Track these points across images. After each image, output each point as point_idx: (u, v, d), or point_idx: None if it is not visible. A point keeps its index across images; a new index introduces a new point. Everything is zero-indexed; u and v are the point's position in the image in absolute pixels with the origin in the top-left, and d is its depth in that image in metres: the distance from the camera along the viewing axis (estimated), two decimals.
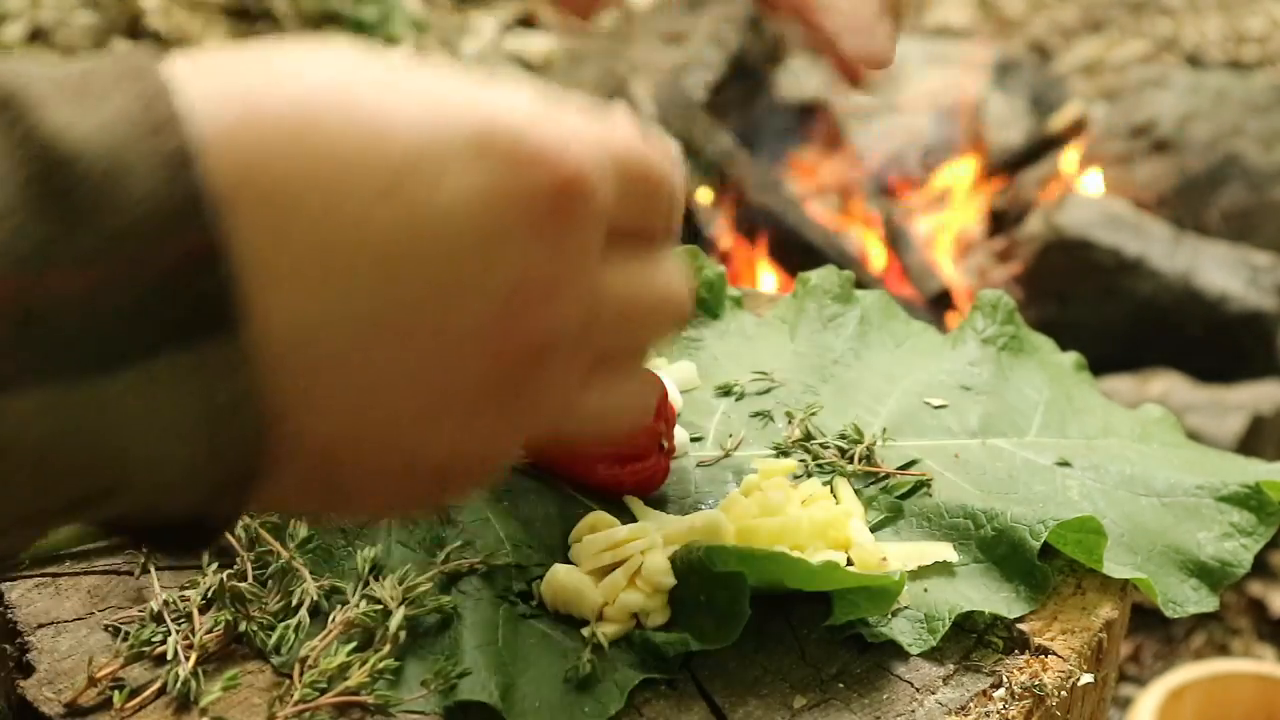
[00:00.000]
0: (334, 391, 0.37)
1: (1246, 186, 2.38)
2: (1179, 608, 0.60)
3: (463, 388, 0.39)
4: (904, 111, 2.57)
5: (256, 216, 0.35)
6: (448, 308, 0.37)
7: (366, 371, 0.37)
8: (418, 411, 0.38)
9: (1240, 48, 3.25)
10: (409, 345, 0.37)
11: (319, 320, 0.36)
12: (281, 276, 0.36)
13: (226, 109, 0.35)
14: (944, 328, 0.85)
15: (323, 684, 0.51)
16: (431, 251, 0.37)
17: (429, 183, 0.37)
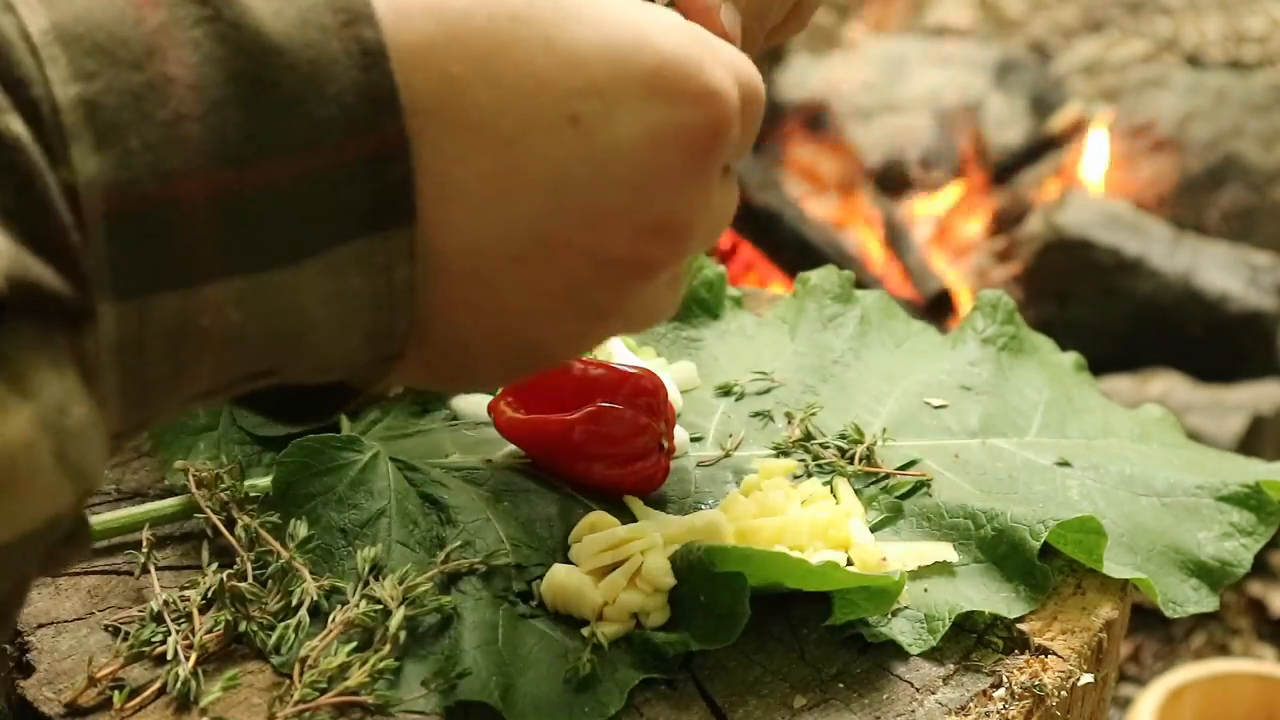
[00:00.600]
0: (483, 295, 0.40)
1: (1246, 186, 2.38)
2: (1179, 608, 0.60)
3: (594, 299, 0.42)
4: (904, 111, 2.57)
5: (445, 138, 0.37)
6: (602, 233, 0.41)
7: (517, 284, 0.40)
8: (549, 315, 0.42)
9: (1240, 48, 3.25)
10: (559, 265, 0.41)
11: (484, 237, 0.39)
12: (458, 195, 0.38)
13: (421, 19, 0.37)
14: (944, 328, 0.85)
15: (323, 684, 0.51)
16: (600, 181, 0.40)
17: (607, 115, 0.39)
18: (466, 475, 0.63)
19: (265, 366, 0.38)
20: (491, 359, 0.43)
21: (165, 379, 0.36)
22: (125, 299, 0.34)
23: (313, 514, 0.58)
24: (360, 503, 0.59)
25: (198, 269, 0.35)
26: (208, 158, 0.34)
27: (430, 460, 0.63)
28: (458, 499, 0.60)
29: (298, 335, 0.37)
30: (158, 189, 0.33)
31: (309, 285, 0.36)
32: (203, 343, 0.36)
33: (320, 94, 0.35)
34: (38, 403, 0.31)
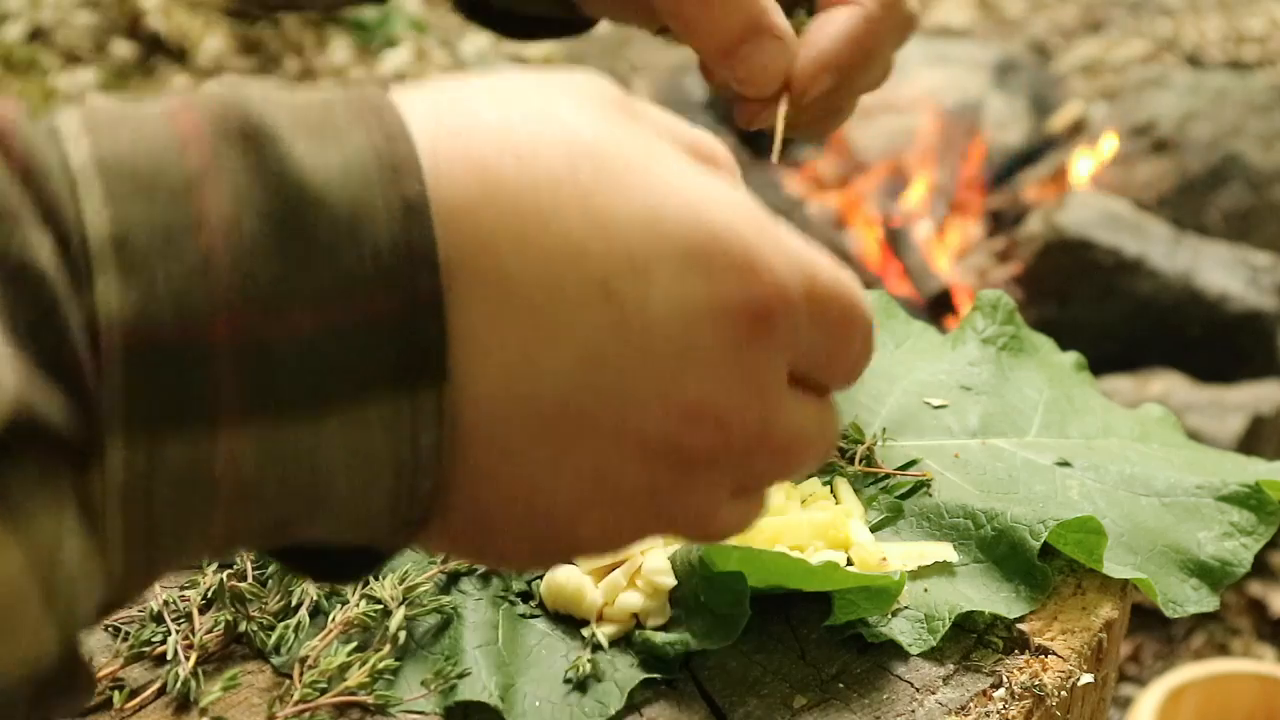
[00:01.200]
0: (507, 470, 0.38)
1: (1246, 186, 2.38)
2: (1179, 608, 0.60)
3: (622, 485, 0.39)
4: (904, 111, 2.57)
5: (474, 299, 0.36)
6: (631, 411, 0.38)
7: (542, 461, 0.38)
8: (576, 498, 0.39)
9: (1240, 48, 3.25)
10: (586, 440, 0.38)
11: (508, 409, 0.37)
12: (484, 360, 0.36)
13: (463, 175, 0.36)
14: (944, 328, 0.85)
15: (323, 684, 0.51)
16: (631, 357, 0.38)
17: (641, 288, 0.37)
18: None
19: (279, 524, 0.37)
20: (518, 542, 0.41)
21: (173, 526, 0.34)
22: (136, 440, 0.33)
23: None
24: None
25: (214, 414, 0.34)
26: (235, 301, 0.33)
27: None
28: None
29: (315, 493, 0.36)
30: (180, 329, 0.33)
31: (330, 443, 0.35)
32: (214, 493, 0.34)
33: (356, 245, 0.34)
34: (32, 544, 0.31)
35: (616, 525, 0.41)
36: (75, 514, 0.32)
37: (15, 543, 0.30)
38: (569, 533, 0.41)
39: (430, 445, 0.36)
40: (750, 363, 0.39)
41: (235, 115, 0.34)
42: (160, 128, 0.34)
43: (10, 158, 0.32)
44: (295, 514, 0.36)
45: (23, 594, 0.30)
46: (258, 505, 0.35)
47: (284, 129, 0.34)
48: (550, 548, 0.42)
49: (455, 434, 0.37)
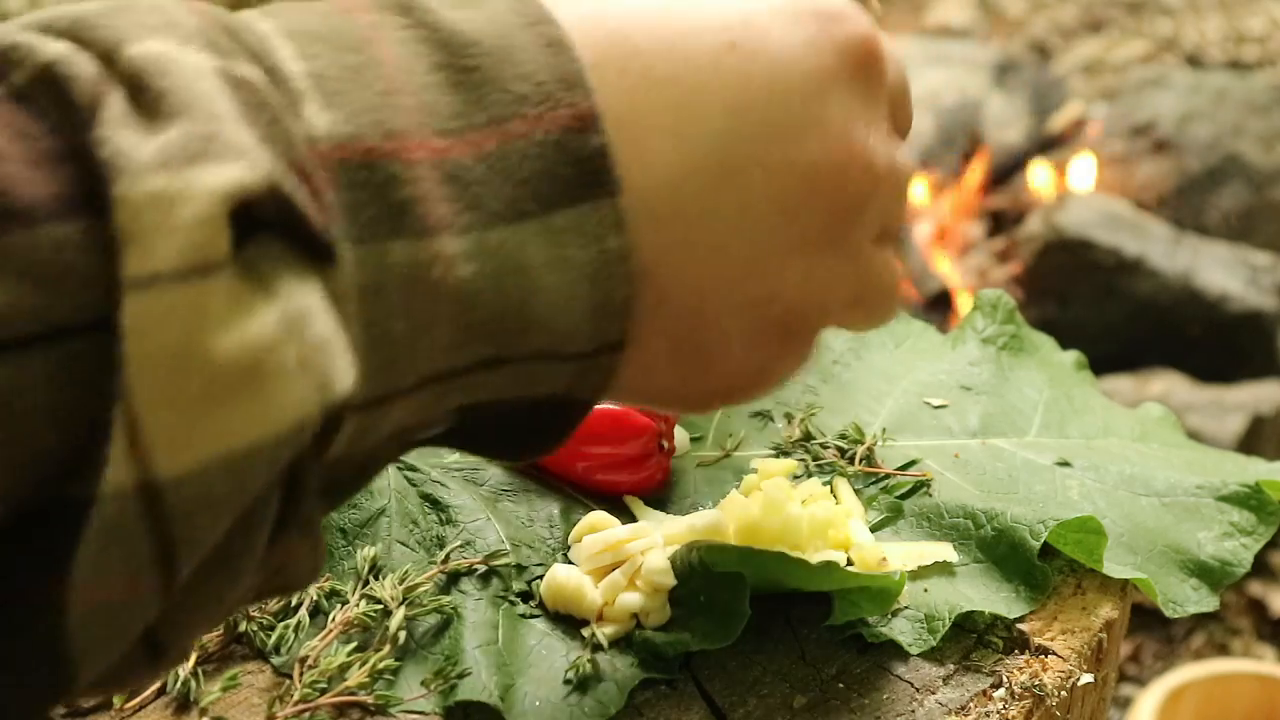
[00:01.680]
0: (697, 236, 0.42)
1: (1246, 186, 2.38)
2: (1179, 608, 0.60)
3: (807, 225, 0.43)
4: None
5: (621, 80, 0.40)
6: (791, 144, 0.42)
7: (724, 212, 0.42)
8: (773, 246, 0.43)
9: (1240, 48, 3.25)
10: (760, 182, 0.42)
11: (686, 162, 0.41)
12: (649, 129, 0.40)
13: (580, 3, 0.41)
14: (944, 328, 0.85)
15: (323, 684, 0.51)
16: (775, 95, 0.42)
17: (760, 37, 0.42)
18: (466, 475, 0.63)
19: (495, 348, 0.39)
20: (731, 324, 0.43)
21: (406, 337, 0.37)
22: (363, 243, 0.35)
23: None
24: (360, 502, 0.59)
25: (426, 221, 0.36)
26: (423, 126, 0.37)
27: (430, 460, 0.63)
28: (458, 499, 0.60)
29: (523, 301, 0.38)
30: (384, 144, 0.36)
31: (530, 248, 0.38)
32: (437, 298, 0.37)
33: (516, 73, 0.38)
34: (283, 306, 0.32)
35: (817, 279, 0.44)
36: (320, 297, 0.34)
37: (268, 304, 0.32)
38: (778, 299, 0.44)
39: (617, 250, 0.39)
40: (872, 86, 0.44)
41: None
42: (326, 7, 0.38)
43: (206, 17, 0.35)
44: (508, 327, 0.39)
45: (279, 350, 0.32)
46: (476, 311, 0.38)
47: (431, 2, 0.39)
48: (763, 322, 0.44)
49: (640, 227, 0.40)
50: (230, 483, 0.32)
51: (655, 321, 0.42)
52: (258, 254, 0.32)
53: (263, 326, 0.32)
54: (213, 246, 0.31)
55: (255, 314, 0.32)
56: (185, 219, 0.31)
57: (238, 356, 0.31)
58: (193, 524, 0.32)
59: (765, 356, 0.46)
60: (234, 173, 0.31)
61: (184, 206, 0.31)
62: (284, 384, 0.32)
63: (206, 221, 0.31)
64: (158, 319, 0.31)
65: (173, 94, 0.32)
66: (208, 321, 0.31)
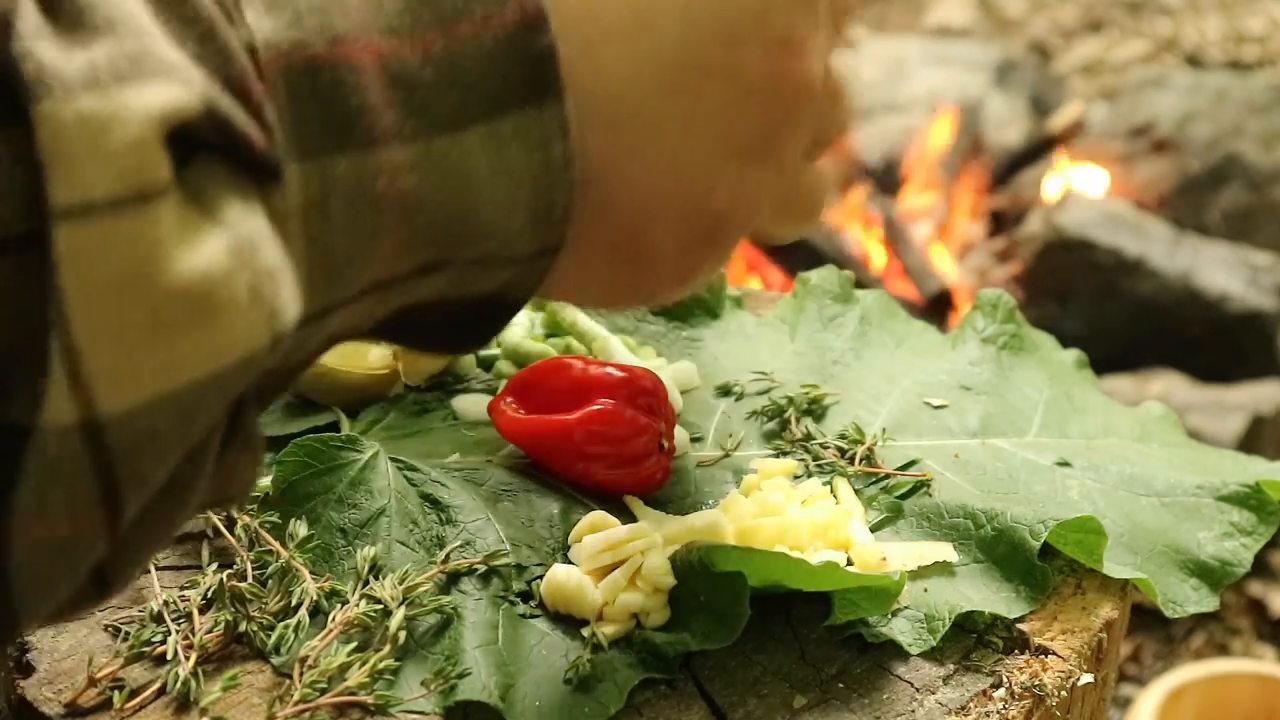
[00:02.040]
0: (644, 143, 0.42)
1: (1246, 186, 2.38)
2: (1179, 608, 0.60)
3: (743, 132, 0.43)
4: (904, 111, 2.57)
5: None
6: (738, 50, 0.42)
7: (672, 119, 0.42)
8: (712, 154, 0.43)
9: (1240, 48, 3.25)
10: (705, 89, 0.42)
11: (631, 76, 0.41)
12: (602, 33, 0.40)
13: None
14: (944, 328, 0.85)
15: (323, 684, 0.51)
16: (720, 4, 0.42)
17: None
18: (466, 475, 0.63)
19: (436, 254, 0.39)
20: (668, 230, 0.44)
21: (348, 250, 0.36)
22: (308, 158, 0.34)
23: (312, 513, 0.58)
24: (360, 502, 0.59)
25: (372, 131, 0.35)
26: (369, 27, 0.36)
27: (430, 460, 0.63)
28: (458, 499, 0.60)
29: (467, 209, 0.38)
30: (329, 49, 0.35)
31: (475, 155, 0.38)
32: (380, 210, 0.36)
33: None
34: (232, 234, 0.31)
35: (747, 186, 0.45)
36: (266, 220, 0.33)
37: (217, 231, 0.31)
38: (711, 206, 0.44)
39: (560, 156, 0.39)
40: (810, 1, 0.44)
41: None
42: None
43: None
44: (449, 235, 0.38)
45: (231, 280, 0.31)
46: (418, 220, 0.37)
47: None
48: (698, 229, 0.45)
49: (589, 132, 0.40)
50: (178, 419, 0.31)
51: (596, 226, 0.42)
52: (200, 177, 0.31)
53: (213, 255, 0.31)
54: (151, 171, 0.30)
55: (204, 242, 0.30)
56: (118, 143, 0.29)
57: (188, 287, 0.30)
58: (139, 462, 0.31)
59: (694, 259, 0.46)
60: (168, 93, 0.30)
61: (116, 130, 0.29)
62: (235, 315, 0.31)
63: (141, 145, 0.29)
64: (97, 249, 0.29)
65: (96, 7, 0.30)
66: (154, 250, 0.30)
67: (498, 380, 0.71)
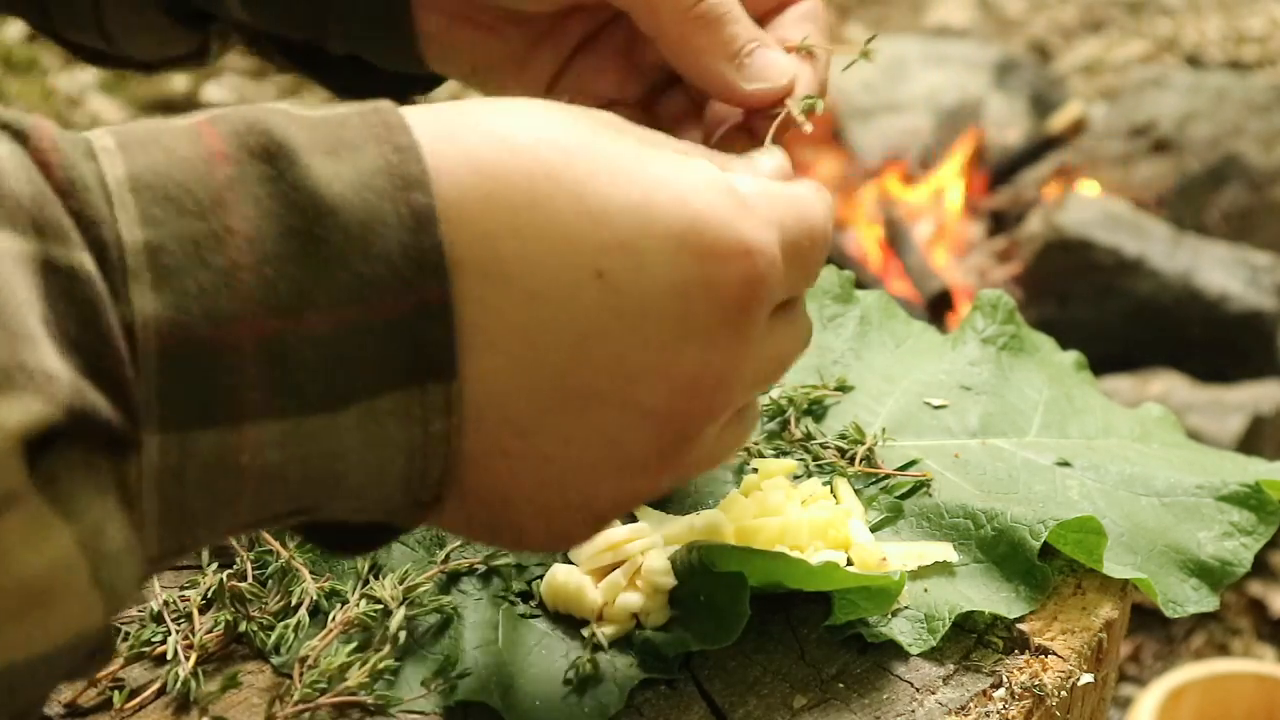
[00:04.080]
0: (520, 445, 0.41)
1: (1246, 186, 2.38)
2: (1179, 608, 0.60)
3: (632, 453, 0.42)
4: (904, 111, 2.56)
5: (478, 288, 0.39)
6: (633, 386, 0.41)
7: (551, 432, 0.41)
8: (590, 470, 0.42)
9: (1240, 48, 3.25)
10: (592, 415, 0.41)
11: (516, 386, 0.40)
12: (490, 343, 0.39)
13: (465, 176, 0.39)
14: (944, 328, 0.85)
15: (323, 684, 0.51)
16: (628, 334, 0.41)
17: (634, 271, 0.40)
18: None
19: (301, 505, 0.39)
20: (534, 518, 0.43)
21: (204, 510, 0.37)
22: (169, 432, 0.35)
23: None
24: None
25: (241, 409, 0.36)
26: (258, 305, 0.36)
27: None
28: None
29: (334, 478, 0.38)
30: (209, 331, 0.35)
31: (347, 432, 0.38)
32: (241, 479, 0.37)
33: (368, 253, 0.37)
34: (80, 526, 0.33)
35: (630, 490, 0.44)
36: (116, 500, 0.34)
37: (65, 525, 0.33)
38: (585, 506, 0.44)
39: (439, 432, 0.39)
40: (745, 326, 0.42)
41: (257, 133, 0.37)
42: (188, 147, 0.36)
43: (52, 176, 0.34)
44: (315, 497, 0.39)
45: (74, 570, 0.33)
46: (281, 489, 0.38)
47: (302, 146, 0.37)
48: (566, 522, 0.44)
49: (465, 418, 0.40)
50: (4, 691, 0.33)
51: (457, 500, 0.42)
52: (57, 466, 0.33)
53: (58, 551, 0.33)
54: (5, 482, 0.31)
55: (50, 539, 0.32)
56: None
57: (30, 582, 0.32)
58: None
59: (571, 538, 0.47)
60: (30, 410, 0.32)
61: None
62: (72, 601, 0.33)
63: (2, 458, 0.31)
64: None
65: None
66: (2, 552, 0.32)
67: None
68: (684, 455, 0.44)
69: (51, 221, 0.34)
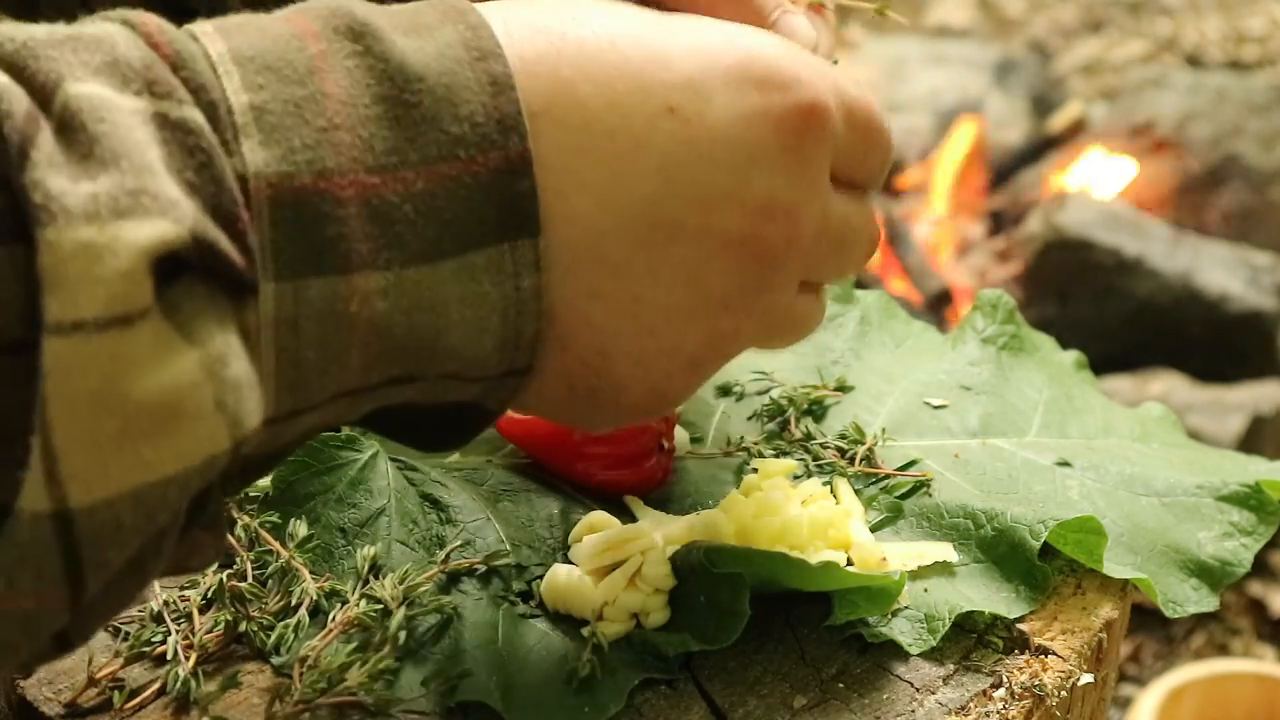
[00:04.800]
0: (607, 290, 0.43)
1: (1246, 186, 2.38)
2: (1179, 608, 0.60)
3: (716, 286, 0.45)
4: (904, 111, 2.57)
5: (560, 133, 0.42)
6: (712, 213, 0.44)
7: (641, 270, 0.43)
8: (679, 307, 0.45)
9: (1240, 48, 3.25)
10: (676, 244, 0.43)
11: (604, 223, 0.42)
12: (579, 184, 0.42)
13: (535, 40, 0.42)
14: (944, 328, 0.85)
15: (323, 684, 0.51)
16: (702, 164, 0.43)
17: (702, 103, 0.43)
18: (466, 475, 0.63)
19: (406, 369, 0.41)
20: (632, 368, 0.45)
21: (317, 363, 0.39)
22: (283, 279, 0.37)
23: (312, 513, 0.58)
24: (360, 502, 0.59)
25: (348, 258, 0.38)
26: (357, 163, 0.38)
27: (430, 460, 0.63)
28: (458, 499, 0.60)
29: (436, 334, 0.40)
30: (314, 183, 0.38)
31: (446, 285, 0.40)
32: (351, 330, 0.39)
33: (455, 114, 0.40)
34: (203, 350, 0.35)
35: (717, 331, 0.46)
36: (237, 336, 0.36)
37: (189, 347, 0.34)
38: (678, 349, 0.46)
39: (531, 288, 0.41)
40: (805, 158, 0.45)
41: (342, 15, 0.40)
42: (281, 27, 0.39)
43: (160, 50, 0.37)
44: (418, 358, 0.41)
45: (199, 391, 0.34)
46: (388, 341, 0.40)
47: (384, 26, 0.40)
48: (660, 366, 0.46)
49: (557, 265, 0.42)
50: (140, 513, 0.34)
51: (556, 362, 0.44)
52: (182, 296, 0.34)
53: (183, 370, 0.34)
54: (134, 298, 0.33)
55: (176, 358, 0.34)
56: (110, 272, 0.33)
57: (158, 399, 0.34)
58: (103, 549, 0.34)
59: (666, 392, 0.48)
60: (158, 229, 0.33)
61: (109, 260, 0.33)
62: (199, 423, 0.35)
63: (129, 275, 0.33)
64: (80, 364, 0.32)
65: (105, 140, 0.34)
66: (129, 368, 0.33)
67: None
68: (764, 294, 0.46)
69: (163, 82, 0.36)
